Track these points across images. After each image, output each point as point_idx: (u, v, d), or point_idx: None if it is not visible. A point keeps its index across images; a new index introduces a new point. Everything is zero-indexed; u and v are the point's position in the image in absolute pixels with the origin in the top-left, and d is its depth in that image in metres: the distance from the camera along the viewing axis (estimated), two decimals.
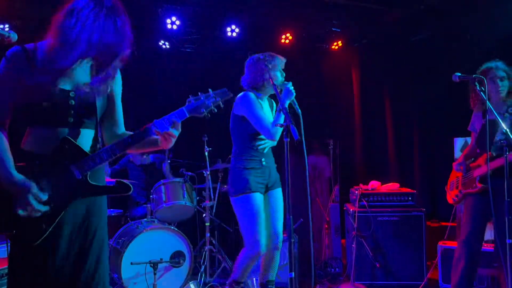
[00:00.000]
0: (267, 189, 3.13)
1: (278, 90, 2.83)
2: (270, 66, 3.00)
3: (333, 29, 5.69)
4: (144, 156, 5.10)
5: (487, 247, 3.71)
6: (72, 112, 1.80)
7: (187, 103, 1.88)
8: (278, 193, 3.17)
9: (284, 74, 3.12)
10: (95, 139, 1.88)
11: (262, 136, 3.03)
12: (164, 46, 5.73)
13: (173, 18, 5.02)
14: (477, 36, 4.56)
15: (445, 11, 4.81)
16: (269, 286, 3.19)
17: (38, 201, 1.70)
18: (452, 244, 4.04)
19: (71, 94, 1.80)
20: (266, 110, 3.14)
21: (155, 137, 1.89)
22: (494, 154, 3.11)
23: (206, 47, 5.70)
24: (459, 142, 4.48)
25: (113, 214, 4.60)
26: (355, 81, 6.08)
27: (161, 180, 4.36)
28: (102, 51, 1.80)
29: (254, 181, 3.01)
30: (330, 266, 4.67)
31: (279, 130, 2.88)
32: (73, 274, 1.79)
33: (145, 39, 5.56)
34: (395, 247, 4.18)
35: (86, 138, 1.85)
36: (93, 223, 1.86)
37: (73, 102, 1.80)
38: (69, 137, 1.78)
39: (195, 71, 5.75)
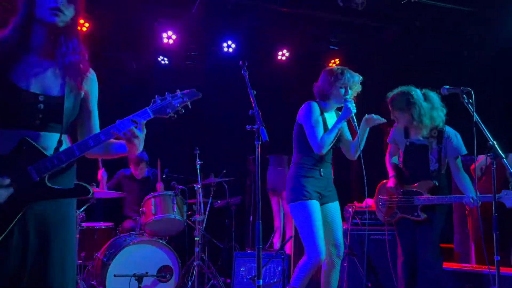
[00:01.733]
0: (324, 201, 3.09)
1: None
2: (340, 80, 3.08)
3: (330, 46, 5.72)
4: (140, 169, 5.06)
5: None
6: (40, 115, 1.73)
7: (152, 103, 1.80)
8: (336, 206, 3.16)
9: (350, 93, 3.13)
10: (59, 142, 1.79)
11: None
12: (163, 62, 5.79)
13: (169, 33, 5.08)
14: (473, 51, 4.55)
15: (439, 28, 4.83)
16: None
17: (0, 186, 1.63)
18: (448, 265, 3.92)
19: (40, 98, 1.73)
20: (331, 122, 3.14)
21: (122, 143, 1.82)
22: (436, 184, 3.18)
23: (203, 62, 5.75)
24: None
25: (103, 227, 4.55)
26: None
27: (151, 193, 4.32)
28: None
29: (311, 189, 3.01)
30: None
31: (327, 143, 2.96)
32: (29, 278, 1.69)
33: (144, 53, 5.63)
34: (388, 266, 4.06)
35: (51, 142, 1.77)
36: (56, 230, 1.76)
37: (42, 106, 1.73)
38: (28, 139, 1.70)
39: (192, 86, 5.76)
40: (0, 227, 1.64)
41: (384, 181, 3.53)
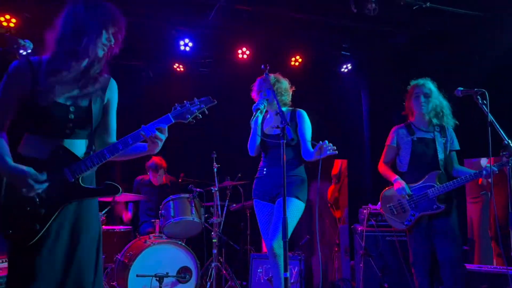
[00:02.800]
0: (276, 198, 3.19)
1: None
2: (256, 88, 3.33)
3: (342, 52, 5.82)
4: (159, 176, 5.18)
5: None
6: (71, 125, 1.92)
7: (172, 110, 2.01)
8: (282, 201, 3.15)
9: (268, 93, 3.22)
10: (88, 147, 2.00)
11: None
12: (178, 69, 5.93)
13: (186, 40, 5.21)
14: (484, 56, 4.61)
15: (450, 33, 4.90)
16: None
17: (36, 181, 1.81)
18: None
19: (71, 109, 1.92)
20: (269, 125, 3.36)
21: (143, 144, 2.02)
22: (443, 172, 3.24)
23: (218, 69, 5.87)
24: (466, 163, 4.45)
25: (122, 230, 4.66)
26: (364, 102, 6.14)
27: (170, 196, 4.42)
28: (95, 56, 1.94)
29: (256, 189, 3.26)
30: (338, 286, 4.60)
31: (249, 145, 3.25)
32: (61, 274, 1.85)
33: (160, 61, 5.77)
34: (404, 267, 4.10)
35: (80, 147, 1.97)
36: (83, 228, 1.94)
37: (72, 116, 1.92)
38: (64, 145, 1.90)
39: (207, 92, 5.89)
40: (41, 223, 1.83)
41: (386, 188, 3.53)
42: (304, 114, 3.28)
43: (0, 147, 1.85)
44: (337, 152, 2.83)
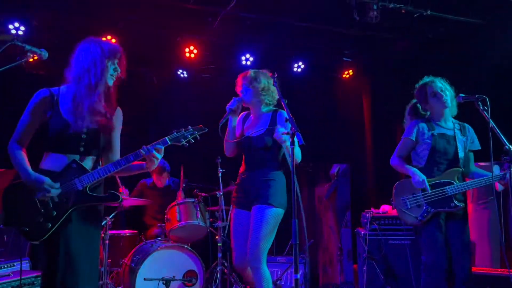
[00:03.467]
0: (252, 204, 2.99)
1: None
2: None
3: (344, 58, 5.90)
4: (163, 178, 5.25)
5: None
6: (83, 143, 2.33)
7: (169, 134, 2.41)
8: (256, 209, 2.95)
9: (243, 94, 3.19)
10: (95, 162, 2.40)
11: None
12: (182, 75, 6.01)
13: (191, 47, 5.30)
14: (485, 63, 4.68)
15: (451, 40, 4.98)
16: None
17: (51, 187, 2.21)
18: None
19: (84, 130, 2.32)
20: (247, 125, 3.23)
21: (142, 162, 2.40)
22: (463, 170, 3.14)
23: (221, 75, 5.95)
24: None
25: (128, 235, 4.72)
26: (366, 107, 6.23)
27: (176, 201, 4.48)
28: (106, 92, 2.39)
29: (234, 195, 3.15)
30: None
31: (228, 147, 3.15)
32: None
33: (164, 68, 5.85)
34: (407, 270, 4.16)
35: (89, 162, 2.37)
36: (89, 230, 2.34)
37: (85, 136, 2.32)
38: (77, 160, 2.30)
39: (210, 98, 5.98)
40: (52, 222, 2.22)
41: (402, 180, 3.33)
42: (285, 115, 2.93)
43: (21, 159, 2.27)
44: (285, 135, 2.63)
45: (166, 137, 2.40)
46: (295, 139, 2.19)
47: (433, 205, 3.09)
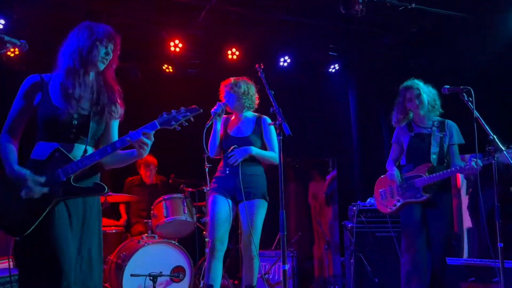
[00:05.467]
0: (238, 199, 3.33)
1: None
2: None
3: (330, 52, 5.91)
4: (150, 172, 5.21)
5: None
6: (74, 130, 2.18)
7: (159, 117, 2.19)
8: (249, 204, 3.30)
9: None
10: (85, 151, 2.21)
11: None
12: (167, 70, 5.94)
13: (176, 41, 5.24)
14: (470, 57, 4.74)
15: (437, 34, 5.02)
16: None
17: (36, 183, 2.04)
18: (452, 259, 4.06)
19: (75, 116, 2.17)
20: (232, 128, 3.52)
21: (132, 150, 2.23)
22: (434, 165, 3.39)
23: (207, 69, 5.90)
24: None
25: (114, 231, 4.66)
26: (353, 102, 6.25)
27: (162, 196, 4.44)
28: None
29: (218, 185, 3.39)
30: (329, 283, 4.68)
31: (212, 146, 3.42)
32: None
33: (149, 62, 5.78)
34: (394, 262, 4.19)
35: (79, 151, 2.20)
36: (93, 225, 2.20)
37: (76, 123, 2.18)
38: (61, 148, 2.13)
39: (196, 93, 5.93)
40: (34, 216, 2.04)
41: (383, 175, 3.74)
42: (268, 121, 3.40)
43: (8, 152, 2.14)
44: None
45: (155, 121, 2.18)
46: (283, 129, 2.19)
47: (402, 196, 3.48)
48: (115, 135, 2.36)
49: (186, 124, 2.24)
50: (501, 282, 2.55)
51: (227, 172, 3.35)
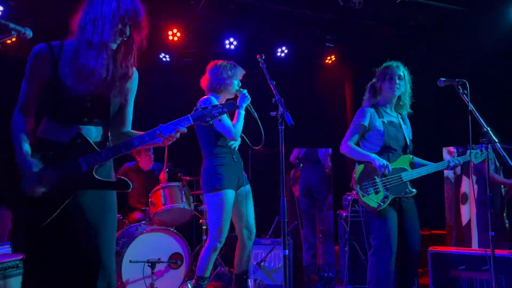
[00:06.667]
0: (239, 185, 3.36)
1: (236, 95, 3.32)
2: (229, 73, 3.32)
3: (326, 44, 5.95)
4: (148, 156, 5.24)
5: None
6: (88, 113, 1.98)
7: (193, 111, 2.01)
8: (248, 189, 3.44)
9: (240, 84, 3.42)
10: (104, 136, 2.04)
11: None
12: (164, 59, 5.95)
13: (174, 30, 5.25)
14: (467, 50, 4.79)
15: (434, 28, 5.07)
16: (244, 277, 3.45)
17: (32, 181, 1.87)
18: (442, 248, 4.16)
19: (88, 97, 1.97)
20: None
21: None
22: (413, 158, 3.23)
23: (205, 59, 5.91)
24: (446, 151, 4.67)
25: None
26: (348, 93, 6.31)
27: (160, 184, 4.49)
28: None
29: (228, 177, 3.25)
30: (323, 271, 4.77)
31: (239, 130, 3.25)
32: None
33: (146, 51, 5.77)
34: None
35: (96, 134, 2.02)
36: (106, 217, 2.03)
37: (89, 105, 1.97)
38: (83, 133, 1.95)
39: (193, 83, 5.94)
40: (50, 209, 1.89)
41: (362, 164, 3.24)
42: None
43: (18, 130, 1.94)
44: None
45: (189, 115, 1.99)
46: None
47: (391, 191, 3.11)
48: (129, 115, 2.19)
49: (220, 120, 2.13)
50: (491, 271, 2.63)
51: (235, 160, 3.35)
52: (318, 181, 5.48)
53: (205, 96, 3.35)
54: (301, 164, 5.47)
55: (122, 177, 2.00)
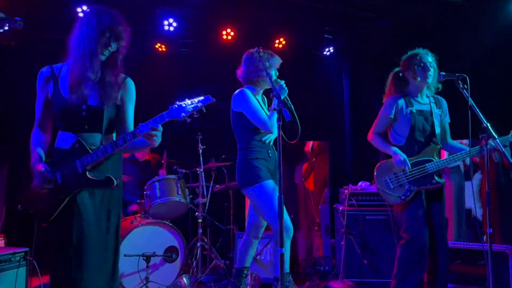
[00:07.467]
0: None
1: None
2: (267, 64, 3.15)
3: (325, 35, 5.88)
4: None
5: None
6: (85, 120, 2.25)
7: (169, 108, 2.14)
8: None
9: (278, 73, 3.27)
10: (101, 141, 2.29)
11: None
12: (160, 49, 5.86)
13: (170, 20, 5.16)
14: (466, 43, 4.74)
15: (433, 20, 5.01)
16: (245, 272, 3.40)
17: (46, 177, 2.21)
18: None
19: (83, 107, 2.24)
20: (262, 105, 3.31)
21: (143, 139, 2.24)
22: (440, 147, 3.19)
23: (202, 49, 5.84)
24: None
25: None
26: (346, 85, 6.26)
27: (155, 177, 4.44)
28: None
29: (264, 169, 3.12)
30: (319, 264, 4.77)
31: (275, 123, 2.97)
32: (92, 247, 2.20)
33: (142, 41, 5.68)
34: (383, 245, 4.28)
35: (94, 140, 2.29)
36: (111, 211, 2.31)
37: (84, 114, 2.24)
38: (81, 139, 2.23)
39: (190, 73, 5.88)
40: (55, 205, 2.20)
41: (383, 161, 3.31)
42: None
43: (34, 145, 2.30)
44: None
45: (164, 112, 2.15)
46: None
47: (415, 183, 3.10)
48: (130, 122, 2.39)
49: (197, 115, 2.16)
50: (489, 267, 2.62)
51: (270, 155, 3.22)
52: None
53: (240, 89, 3.23)
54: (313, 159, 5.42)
55: (108, 175, 2.22)
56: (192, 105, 2.11)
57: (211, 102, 2.12)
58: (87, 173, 2.19)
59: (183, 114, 2.10)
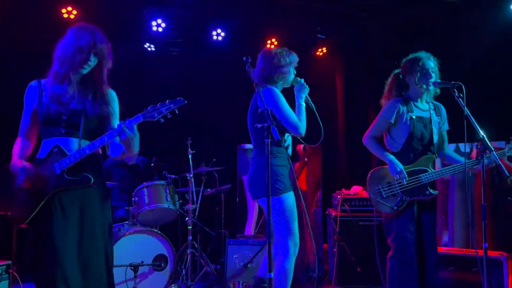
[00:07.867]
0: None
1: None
2: (288, 60, 2.96)
3: (318, 35, 5.77)
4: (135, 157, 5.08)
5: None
6: (64, 126, 2.38)
7: (144, 110, 2.29)
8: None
9: (296, 72, 3.07)
10: (79, 145, 2.39)
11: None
12: (149, 49, 5.73)
13: (159, 21, 5.03)
14: (462, 44, 4.67)
15: (427, 21, 4.93)
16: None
17: (28, 176, 2.32)
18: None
19: (64, 111, 2.37)
20: None
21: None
22: (436, 157, 3.06)
23: (192, 50, 5.72)
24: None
25: None
26: (339, 86, 6.17)
27: (144, 183, 4.32)
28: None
29: (286, 179, 2.85)
30: (312, 270, 4.69)
31: (305, 123, 2.90)
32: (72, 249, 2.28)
33: (130, 41, 5.55)
34: (376, 251, 4.21)
35: (72, 145, 2.39)
36: (87, 214, 2.37)
37: (64, 118, 2.37)
38: (59, 144, 2.36)
39: (180, 74, 5.75)
40: (33, 206, 2.29)
41: (377, 168, 3.16)
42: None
43: (16, 150, 2.43)
44: None
45: (140, 113, 2.29)
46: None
47: (408, 194, 2.99)
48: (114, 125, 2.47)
49: (170, 116, 2.30)
50: (484, 279, 2.55)
51: (289, 161, 2.94)
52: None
53: (266, 87, 2.93)
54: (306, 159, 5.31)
55: (85, 174, 2.34)
56: (165, 107, 2.26)
57: (183, 104, 2.28)
58: (64, 174, 2.30)
59: (156, 115, 2.25)
